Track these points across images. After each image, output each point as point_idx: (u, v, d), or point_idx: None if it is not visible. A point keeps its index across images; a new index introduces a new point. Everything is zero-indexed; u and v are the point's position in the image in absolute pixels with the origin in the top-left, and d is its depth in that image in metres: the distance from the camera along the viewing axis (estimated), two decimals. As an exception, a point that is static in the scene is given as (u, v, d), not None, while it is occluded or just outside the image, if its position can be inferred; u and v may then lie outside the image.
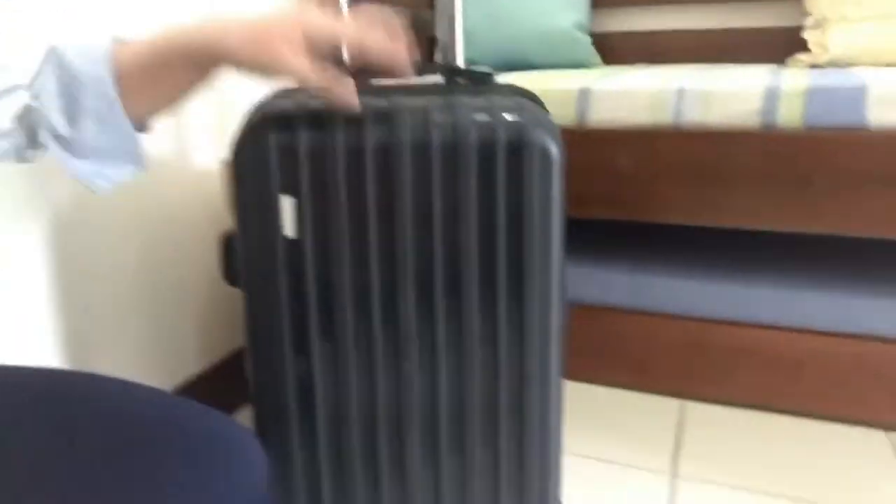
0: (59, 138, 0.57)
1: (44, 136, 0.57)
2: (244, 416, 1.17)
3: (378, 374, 0.80)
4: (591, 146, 1.26)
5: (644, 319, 1.33)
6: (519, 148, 0.73)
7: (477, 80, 0.82)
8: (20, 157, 0.59)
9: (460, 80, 0.83)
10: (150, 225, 1.11)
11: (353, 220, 0.75)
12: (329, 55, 0.62)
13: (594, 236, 1.62)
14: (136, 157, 0.61)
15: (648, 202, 1.25)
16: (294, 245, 0.75)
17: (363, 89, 0.70)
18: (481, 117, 0.73)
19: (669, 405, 1.32)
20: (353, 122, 0.73)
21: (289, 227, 0.74)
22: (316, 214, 0.74)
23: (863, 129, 1.08)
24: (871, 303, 1.19)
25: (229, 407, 1.30)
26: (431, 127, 0.73)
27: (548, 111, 0.82)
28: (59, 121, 0.57)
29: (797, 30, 1.62)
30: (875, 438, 1.19)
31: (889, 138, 1.07)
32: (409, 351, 0.79)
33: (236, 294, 0.79)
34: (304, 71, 0.59)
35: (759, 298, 1.26)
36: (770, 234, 1.67)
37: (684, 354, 1.31)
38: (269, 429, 0.82)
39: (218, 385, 1.27)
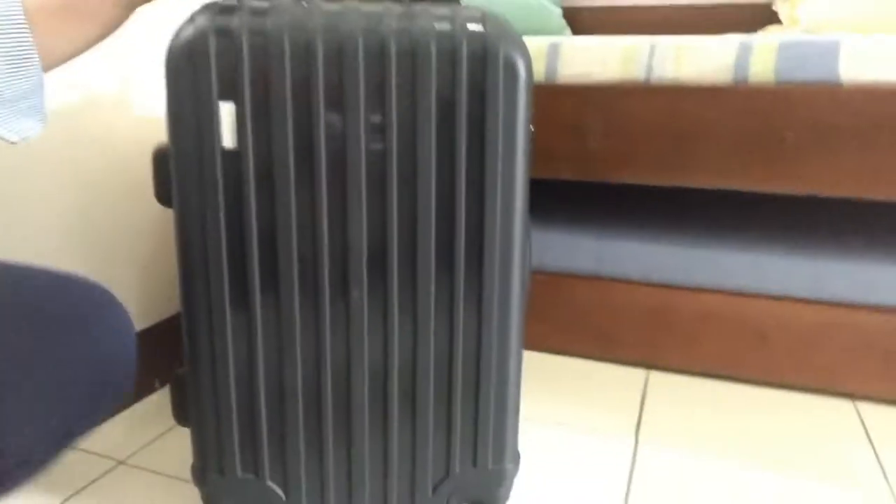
0: None
1: None
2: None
3: (325, 330, 0.73)
4: (558, 103, 1.21)
5: (610, 286, 1.29)
6: (483, 60, 0.67)
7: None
8: None
9: (422, -2, 0.77)
10: (84, 158, 1.02)
11: (298, 132, 0.68)
12: None
13: (560, 198, 1.58)
14: (41, 110, 0.57)
15: (617, 162, 1.21)
16: (233, 158, 0.68)
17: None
18: (442, 26, 0.68)
19: (634, 375, 1.28)
20: (302, 25, 0.67)
21: (228, 137, 0.67)
22: (258, 124, 0.68)
23: (836, 84, 1.06)
24: (839, 268, 1.16)
25: (169, 371, 1.21)
26: (387, 33, 0.67)
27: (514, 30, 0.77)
28: None
29: (767, 5, 1.60)
30: (842, 408, 1.16)
31: (862, 94, 1.04)
32: (357, 308, 0.72)
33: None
34: None
35: (725, 263, 1.22)
36: (739, 195, 1.65)
37: (649, 322, 1.27)
38: (203, 385, 0.75)
39: (163, 345, 1.19)
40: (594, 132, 1.21)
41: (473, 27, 0.68)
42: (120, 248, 1.11)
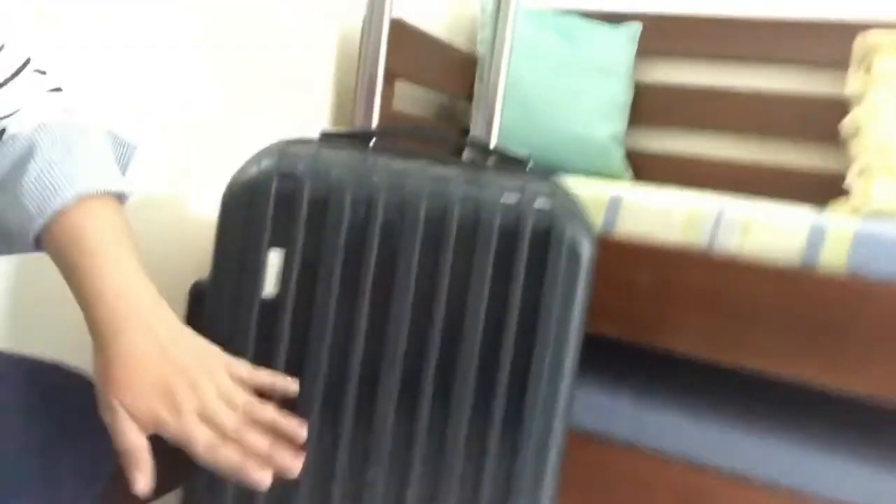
0: None
1: None
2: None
3: (337, 480, 0.67)
4: (612, 258, 1.17)
5: (642, 458, 1.20)
6: (547, 240, 0.64)
7: (511, 163, 0.75)
8: None
9: (492, 162, 0.75)
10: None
11: (344, 288, 0.65)
12: None
13: (599, 353, 1.51)
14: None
15: (665, 328, 1.15)
16: (271, 308, 0.65)
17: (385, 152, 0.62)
18: (509, 198, 0.65)
19: (661, 559, 1.17)
20: (366, 180, 0.64)
21: (270, 285, 0.64)
22: (303, 275, 0.65)
23: (912, 286, 1.00)
24: (891, 477, 1.06)
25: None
26: (451, 199, 0.64)
27: (584, 209, 0.74)
28: None
29: (838, 176, 1.57)
30: None
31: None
32: (379, 454, 0.67)
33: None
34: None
35: (766, 453, 1.13)
36: (790, 386, 1.55)
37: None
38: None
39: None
40: (647, 295, 1.16)
41: (541, 204, 0.65)
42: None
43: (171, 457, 1.13)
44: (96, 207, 0.48)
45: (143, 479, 0.49)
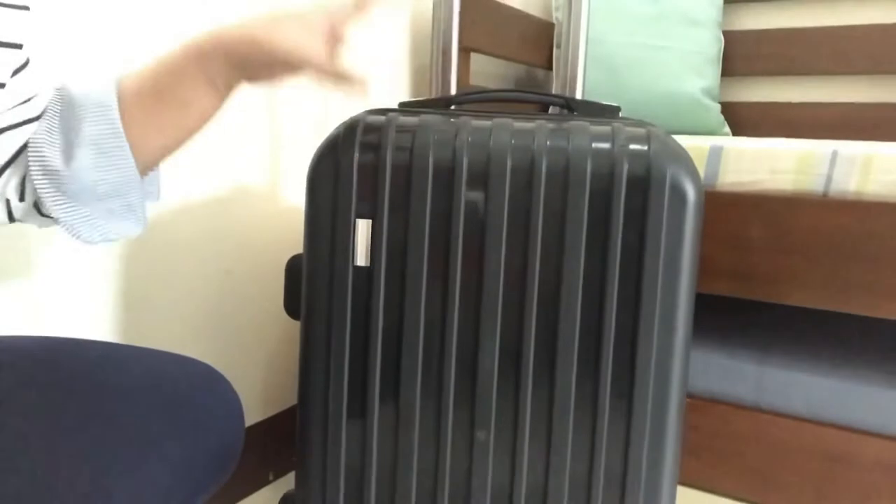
0: (50, 174, 0.49)
1: (34, 171, 0.49)
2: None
3: (446, 446, 0.66)
4: (718, 212, 1.10)
5: (772, 421, 1.12)
6: (646, 184, 0.60)
7: (600, 112, 0.70)
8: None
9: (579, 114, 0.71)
10: (224, 256, 1.04)
11: (434, 253, 0.63)
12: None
13: (716, 314, 1.43)
14: (137, 210, 0.53)
15: (785, 281, 1.07)
16: (365, 275, 0.64)
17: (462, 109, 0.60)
18: (601, 145, 0.61)
19: (798, 529, 1.09)
20: (448, 142, 0.62)
21: (362, 254, 0.63)
22: (393, 242, 0.63)
23: None
24: None
25: (284, 463, 1.18)
26: (538, 151, 0.61)
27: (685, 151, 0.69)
28: (53, 153, 0.49)
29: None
30: None
31: None
32: (485, 421, 0.65)
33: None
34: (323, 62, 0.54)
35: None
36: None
37: (817, 469, 1.08)
38: (312, 497, 0.69)
39: (278, 437, 1.16)
40: (759, 247, 1.08)
41: (637, 146, 0.61)
42: (246, 339, 1.10)
43: (270, 449, 1.15)
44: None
45: (357, 79, 0.54)
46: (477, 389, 0.64)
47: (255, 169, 1.06)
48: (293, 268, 0.67)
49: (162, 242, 0.94)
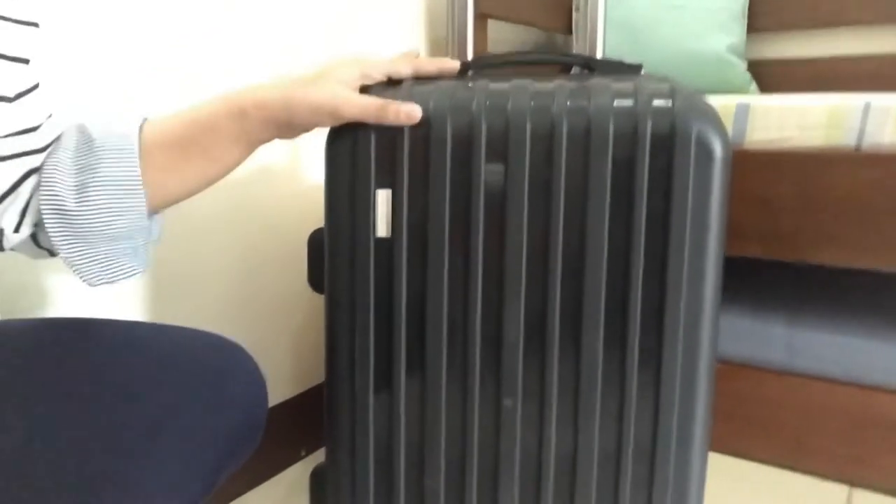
0: (61, 212, 0.49)
1: (45, 208, 0.49)
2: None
3: (473, 416, 0.66)
4: (745, 171, 1.07)
5: (804, 383, 1.10)
6: (671, 142, 0.58)
7: (621, 71, 0.68)
8: None
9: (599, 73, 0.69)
10: (249, 234, 1.04)
11: (456, 220, 0.62)
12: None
13: (744, 276, 1.40)
14: (139, 252, 0.53)
15: (816, 241, 1.04)
16: (387, 246, 0.63)
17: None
18: (623, 102, 0.59)
19: (833, 492, 1.08)
20: (465, 107, 0.61)
21: (382, 225, 0.63)
22: (413, 211, 0.62)
23: None
24: None
25: (315, 440, 1.19)
26: (558, 113, 0.59)
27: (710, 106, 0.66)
28: (66, 192, 0.49)
29: None
30: None
31: None
32: (511, 391, 0.64)
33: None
34: (365, 105, 0.60)
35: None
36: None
37: (852, 430, 1.07)
38: (342, 470, 0.70)
39: (309, 414, 1.17)
40: (789, 206, 1.05)
41: (660, 103, 0.59)
42: (273, 316, 1.11)
43: (301, 425, 1.16)
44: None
45: (403, 107, 0.60)
46: (502, 360, 0.64)
47: (276, 146, 1.06)
48: (315, 241, 0.66)
49: (186, 222, 0.94)
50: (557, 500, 0.67)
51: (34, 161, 0.49)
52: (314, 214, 1.15)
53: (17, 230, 0.50)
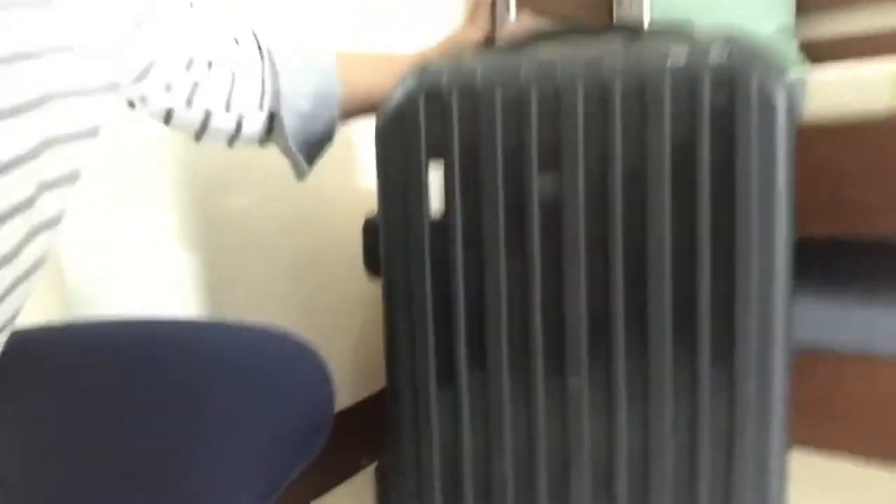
0: (299, 116, 0.65)
1: (286, 115, 0.64)
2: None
3: (538, 414, 0.63)
4: (805, 145, 1.03)
5: (889, 370, 1.04)
6: (731, 98, 0.56)
7: (671, 31, 0.66)
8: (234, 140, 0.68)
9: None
10: (307, 231, 1.04)
11: (510, 197, 0.61)
12: None
13: (813, 258, 1.35)
14: (315, 156, 0.70)
15: (886, 213, 0.99)
16: (441, 229, 0.62)
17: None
18: (678, 60, 0.57)
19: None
20: (514, 77, 0.60)
21: (436, 204, 0.62)
22: (467, 190, 0.61)
23: None
24: None
25: (377, 447, 1.18)
26: (611, 75, 0.58)
27: (772, 54, 0.64)
28: (302, 101, 0.65)
29: None
30: None
31: None
32: (576, 383, 0.62)
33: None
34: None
35: None
36: None
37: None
38: (406, 475, 0.68)
39: (369, 422, 1.16)
40: (854, 178, 1.01)
41: (717, 58, 0.57)
42: (335, 320, 1.11)
43: (363, 435, 1.15)
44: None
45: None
46: (566, 351, 0.62)
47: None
48: (369, 224, 0.66)
49: (245, 223, 0.95)
50: (631, 493, 0.65)
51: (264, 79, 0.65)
52: (370, 208, 1.15)
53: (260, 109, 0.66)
